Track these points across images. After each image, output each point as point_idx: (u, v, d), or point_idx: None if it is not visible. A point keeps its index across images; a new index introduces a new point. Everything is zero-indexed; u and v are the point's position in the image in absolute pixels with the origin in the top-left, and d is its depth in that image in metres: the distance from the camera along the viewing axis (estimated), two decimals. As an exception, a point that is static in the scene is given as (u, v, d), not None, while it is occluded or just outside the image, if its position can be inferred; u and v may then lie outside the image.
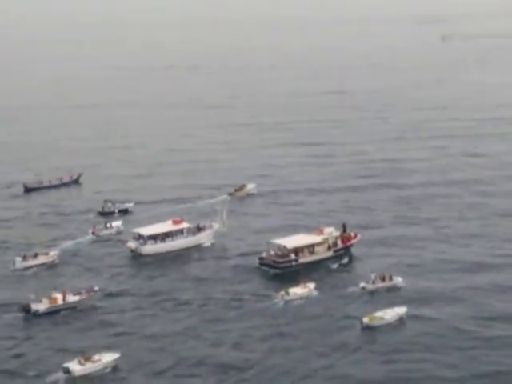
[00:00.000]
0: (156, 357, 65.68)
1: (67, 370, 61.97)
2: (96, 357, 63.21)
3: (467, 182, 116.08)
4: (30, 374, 62.72)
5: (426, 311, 73.11)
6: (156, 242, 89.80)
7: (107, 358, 63.54)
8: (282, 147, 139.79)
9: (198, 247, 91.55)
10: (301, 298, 76.43)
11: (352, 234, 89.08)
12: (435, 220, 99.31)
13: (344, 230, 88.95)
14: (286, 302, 75.81)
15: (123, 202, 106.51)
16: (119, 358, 63.91)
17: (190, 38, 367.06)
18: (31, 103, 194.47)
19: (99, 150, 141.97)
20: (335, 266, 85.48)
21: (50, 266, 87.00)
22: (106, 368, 63.14)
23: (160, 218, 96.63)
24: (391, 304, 73.03)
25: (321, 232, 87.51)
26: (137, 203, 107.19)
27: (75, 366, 62.17)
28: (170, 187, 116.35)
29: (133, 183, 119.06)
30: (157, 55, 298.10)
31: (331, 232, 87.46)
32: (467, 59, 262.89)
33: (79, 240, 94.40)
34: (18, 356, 65.98)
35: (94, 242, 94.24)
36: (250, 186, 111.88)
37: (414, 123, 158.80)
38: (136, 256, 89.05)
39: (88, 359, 62.78)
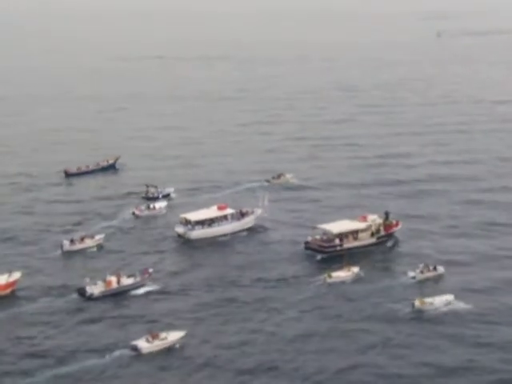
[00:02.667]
0: (218, 334, 68.34)
1: (135, 348, 64.26)
2: (163, 335, 65.43)
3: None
4: (99, 352, 64.83)
5: (471, 299, 74.97)
6: (203, 228, 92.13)
7: (174, 336, 65.83)
8: (321, 139, 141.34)
9: (242, 232, 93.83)
10: (345, 281, 78.93)
11: (394, 222, 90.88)
12: (474, 210, 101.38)
13: (387, 218, 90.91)
14: (330, 284, 78.36)
15: (164, 187, 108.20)
16: (185, 336, 66.13)
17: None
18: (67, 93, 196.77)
19: (135, 135, 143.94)
20: (378, 252, 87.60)
21: (97, 249, 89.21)
22: (173, 346, 65.48)
23: (201, 204, 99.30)
24: (437, 292, 75.08)
25: (364, 219, 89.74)
26: (176, 189, 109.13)
27: (143, 344, 64.44)
28: (208, 173, 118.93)
29: (170, 169, 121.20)
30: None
31: (374, 219, 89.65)
32: (459, 55, 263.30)
33: (123, 223, 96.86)
34: (83, 336, 68.15)
35: (137, 224, 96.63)
36: (288, 175, 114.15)
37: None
38: (184, 241, 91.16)
39: (155, 337, 65.01)
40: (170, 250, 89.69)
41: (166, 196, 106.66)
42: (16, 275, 78.16)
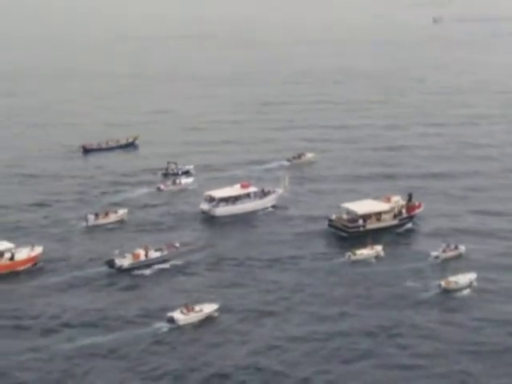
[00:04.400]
0: (248, 307, 69.71)
1: (172, 320, 65.54)
2: (197, 307, 66.75)
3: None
4: (135, 323, 66.19)
5: (493, 277, 76.65)
6: (227, 205, 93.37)
7: (208, 308, 67.25)
8: (340, 119, 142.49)
9: (264, 210, 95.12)
10: (368, 260, 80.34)
11: (417, 204, 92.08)
12: (494, 194, 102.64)
13: (410, 200, 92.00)
14: (354, 261, 79.76)
15: (184, 164, 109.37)
16: (218, 308, 67.56)
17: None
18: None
19: (154, 114, 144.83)
20: (400, 232, 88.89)
21: (121, 223, 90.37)
22: (207, 318, 66.90)
23: (222, 182, 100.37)
24: (460, 271, 76.36)
25: (388, 200, 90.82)
26: (196, 166, 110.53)
27: (179, 316, 65.76)
28: (228, 152, 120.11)
29: (188, 147, 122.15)
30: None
31: (398, 200, 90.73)
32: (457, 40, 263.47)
33: (147, 198, 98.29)
34: (117, 306, 69.53)
35: (161, 199, 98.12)
36: (309, 155, 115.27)
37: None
38: (208, 217, 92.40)
39: (190, 309, 66.32)
40: (195, 225, 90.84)
41: (186, 173, 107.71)
42: (38, 249, 79.13)
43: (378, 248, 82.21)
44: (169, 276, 76.63)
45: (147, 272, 77.03)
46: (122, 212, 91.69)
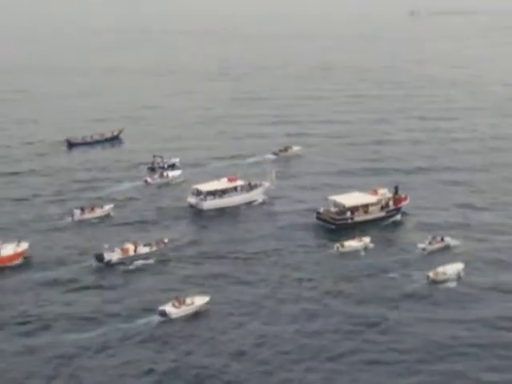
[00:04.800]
0: (238, 300, 70.05)
1: (164, 313, 65.65)
2: (189, 300, 66.87)
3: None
4: (126, 317, 66.25)
5: (480, 269, 77.31)
6: (214, 198, 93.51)
7: (199, 300, 67.44)
8: (326, 113, 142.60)
9: (251, 204, 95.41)
10: (357, 251, 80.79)
11: (403, 196, 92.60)
12: (478, 186, 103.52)
13: (396, 192, 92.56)
14: (342, 253, 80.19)
15: (170, 158, 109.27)
16: (209, 301, 67.80)
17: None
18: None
19: (140, 108, 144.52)
20: (387, 224, 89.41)
21: (108, 218, 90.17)
22: (199, 310, 67.09)
23: (209, 175, 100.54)
24: (446, 262, 76.83)
25: (375, 192, 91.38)
26: (182, 159, 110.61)
27: (171, 309, 65.89)
28: (214, 145, 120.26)
29: (173, 140, 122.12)
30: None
31: (385, 193, 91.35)
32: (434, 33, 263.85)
33: (134, 192, 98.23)
34: (108, 300, 69.56)
35: (148, 192, 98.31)
36: (296, 148, 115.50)
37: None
38: (196, 211, 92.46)
39: (182, 302, 66.42)
40: (183, 219, 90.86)
41: (172, 166, 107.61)
42: (24, 245, 78.85)
43: (366, 240, 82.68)
44: (158, 270, 76.61)
45: (136, 266, 77.04)
46: (108, 207, 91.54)
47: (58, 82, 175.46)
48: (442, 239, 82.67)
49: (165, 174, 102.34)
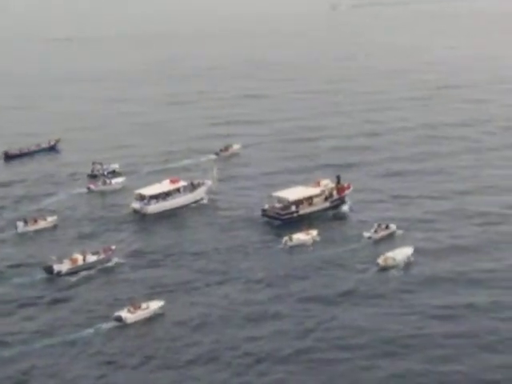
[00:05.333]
0: (191, 302, 70.33)
1: (120, 319, 65.63)
2: (144, 305, 66.91)
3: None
4: (82, 325, 65.85)
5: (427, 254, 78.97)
6: (158, 202, 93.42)
7: (154, 305, 67.53)
8: (263, 112, 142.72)
9: (196, 203, 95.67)
10: (306, 244, 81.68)
11: (345, 185, 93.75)
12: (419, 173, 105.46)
13: (338, 182, 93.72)
14: (291, 247, 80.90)
15: (109, 164, 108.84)
16: (164, 305, 67.88)
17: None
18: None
19: (74, 116, 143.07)
20: (333, 215, 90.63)
21: (52, 228, 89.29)
22: (154, 315, 67.20)
23: (152, 179, 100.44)
24: (394, 248, 78.18)
25: (318, 184, 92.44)
26: (122, 165, 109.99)
27: (127, 314, 65.90)
28: (155, 147, 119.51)
29: (111, 147, 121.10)
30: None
31: (327, 184, 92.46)
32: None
33: (77, 200, 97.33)
34: (63, 311, 69.19)
35: (91, 200, 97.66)
36: (236, 147, 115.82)
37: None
38: (140, 216, 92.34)
39: (137, 307, 66.44)
40: (128, 225, 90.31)
41: (112, 172, 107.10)
42: None
43: (314, 232, 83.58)
44: (108, 278, 76.36)
45: (87, 275, 76.58)
46: (51, 218, 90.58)
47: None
48: (387, 227, 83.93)
49: (108, 180, 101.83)
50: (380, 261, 75.77)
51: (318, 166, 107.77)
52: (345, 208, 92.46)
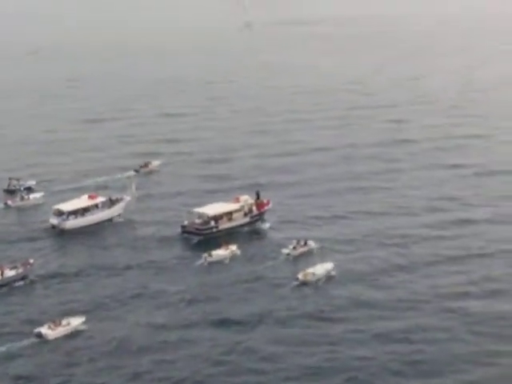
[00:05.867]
0: (111, 318, 70.18)
1: (40, 335, 64.99)
2: (64, 321, 66.43)
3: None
4: (2, 340, 65.10)
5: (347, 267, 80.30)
6: (76, 217, 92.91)
7: (75, 321, 67.09)
8: (178, 130, 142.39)
9: (115, 219, 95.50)
10: (225, 259, 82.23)
11: (265, 201, 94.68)
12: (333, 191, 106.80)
13: (258, 197, 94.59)
14: (210, 263, 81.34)
15: (26, 180, 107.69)
16: (85, 321, 67.49)
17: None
18: None
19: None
20: (252, 231, 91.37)
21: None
22: (75, 331, 66.75)
23: (71, 194, 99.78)
24: (313, 264, 79.18)
25: (237, 200, 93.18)
26: (38, 181, 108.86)
27: (47, 331, 65.29)
28: (74, 163, 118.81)
29: (27, 164, 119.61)
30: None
31: (247, 199, 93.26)
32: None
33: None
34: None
35: (9, 216, 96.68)
36: (156, 163, 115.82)
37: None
38: (59, 231, 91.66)
39: (58, 324, 65.94)
40: (47, 240, 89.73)
41: (28, 188, 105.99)
42: None
43: (233, 247, 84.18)
44: (27, 293, 75.78)
45: (4, 291, 75.72)
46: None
47: None
48: (306, 243, 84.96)
49: (26, 196, 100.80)
50: (300, 276, 76.65)
51: (237, 184, 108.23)
52: (264, 224, 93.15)
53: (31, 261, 79.81)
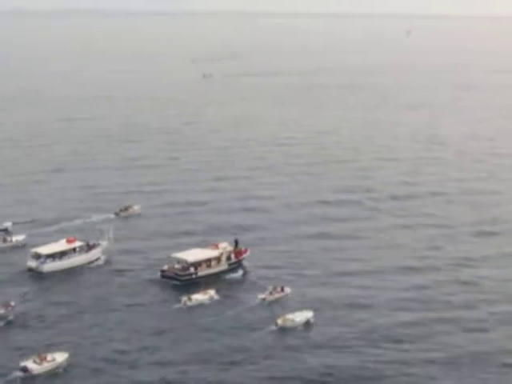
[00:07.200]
0: (93, 354, 71.14)
1: (25, 369, 65.50)
2: (49, 356, 66.92)
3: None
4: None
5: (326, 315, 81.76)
6: (54, 261, 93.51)
7: (59, 357, 67.77)
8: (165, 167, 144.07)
9: (92, 264, 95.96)
10: (204, 304, 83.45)
11: (243, 249, 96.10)
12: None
13: (236, 245, 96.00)
14: (190, 307, 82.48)
15: (2, 222, 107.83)
16: (69, 357, 68.05)
17: None
18: None
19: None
20: (231, 277, 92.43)
21: None
22: (59, 366, 67.54)
23: (50, 238, 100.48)
24: (289, 310, 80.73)
25: (216, 247, 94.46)
26: (15, 223, 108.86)
27: (32, 365, 65.85)
28: (52, 206, 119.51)
29: (6, 204, 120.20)
30: None
31: (225, 247, 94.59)
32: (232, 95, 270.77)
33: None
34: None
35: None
36: (136, 207, 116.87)
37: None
38: (37, 274, 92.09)
39: (43, 359, 66.35)
40: (25, 283, 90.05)
41: (4, 230, 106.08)
42: None
43: (212, 292, 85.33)
44: (7, 333, 76.24)
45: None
46: None
47: None
48: (282, 289, 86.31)
49: (8, 238, 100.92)
50: (279, 321, 77.75)
51: (215, 228, 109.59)
52: (242, 271, 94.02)
53: (12, 303, 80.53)
